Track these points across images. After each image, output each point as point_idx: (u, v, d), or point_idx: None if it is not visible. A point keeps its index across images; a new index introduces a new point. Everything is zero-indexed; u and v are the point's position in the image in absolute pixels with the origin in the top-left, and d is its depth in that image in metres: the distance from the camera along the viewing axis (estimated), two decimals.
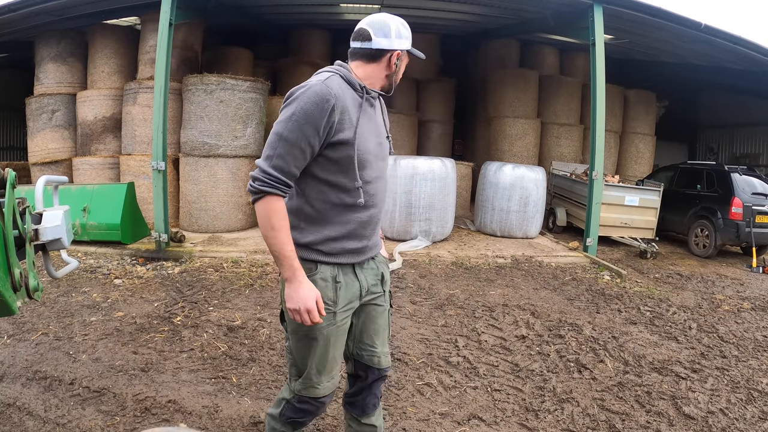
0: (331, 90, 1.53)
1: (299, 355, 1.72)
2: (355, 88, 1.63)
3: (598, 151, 6.81)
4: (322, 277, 1.64)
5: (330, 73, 1.61)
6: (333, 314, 1.66)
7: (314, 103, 1.50)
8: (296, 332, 1.69)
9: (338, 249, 1.65)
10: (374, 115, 1.71)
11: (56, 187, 2.12)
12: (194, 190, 7.03)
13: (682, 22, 7.14)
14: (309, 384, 1.71)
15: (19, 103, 9.17)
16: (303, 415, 1.78)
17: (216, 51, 9.46)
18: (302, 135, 1.49)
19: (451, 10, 8.93)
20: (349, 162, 1.59)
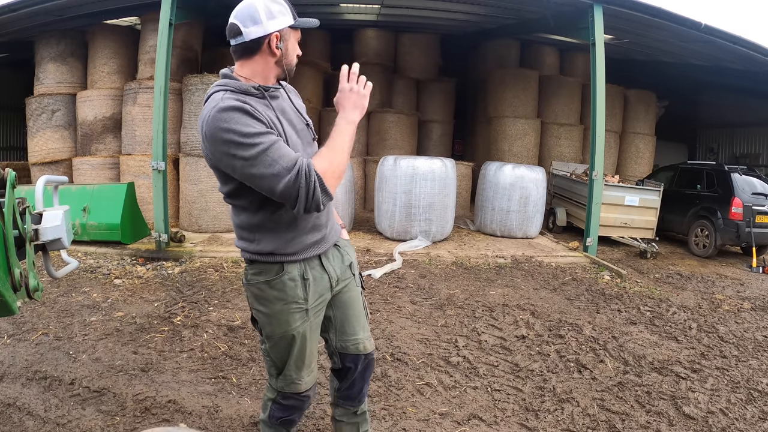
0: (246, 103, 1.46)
1: (277, 356, 1.72)
2: (250, 93, 1.51)
3: (598, 151, 6.81)
4: (290, 277, 1.63)
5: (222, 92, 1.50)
6: (305, 311, 1.66)
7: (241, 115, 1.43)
8: (271, 336, 1.68)
9: (300, 245, 1.63)
10: (285, 107, 1.63)
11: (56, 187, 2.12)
12: (194, 190, 7.03)
13: (682, 22, 7.14)
14: (290, 380, 1.72)
15: (19, 103, 9.18)
16: (291, 412, 1.79)
17: (216, 51, 9.45)
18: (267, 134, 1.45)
19: (451, 10, 8.93)
20: None
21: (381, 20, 10.15)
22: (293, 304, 1.63)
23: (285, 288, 1.61)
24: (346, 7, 9.36)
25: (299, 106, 1.74)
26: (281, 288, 1.62)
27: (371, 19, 10.16)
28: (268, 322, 1.67)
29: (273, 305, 1.64)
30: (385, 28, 10.74)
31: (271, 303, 1.64)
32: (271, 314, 1.65)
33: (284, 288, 1.61)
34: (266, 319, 1.67)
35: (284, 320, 1.64)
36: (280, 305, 1.63)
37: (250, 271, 1.69)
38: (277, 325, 1.65)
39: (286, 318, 1.64)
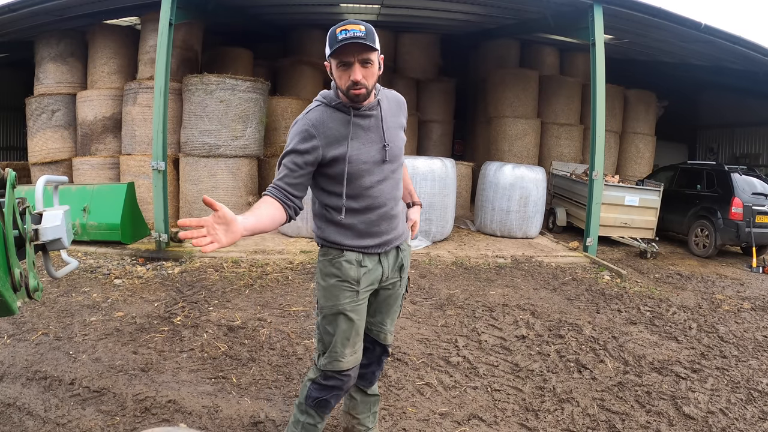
0: (310, 121, 1.76)
1: (325, 330, 1.91)
2: (340, 109, 1.78)
3: (598, 151, 6.80)
4: (347, 259, 1.86)
5: (317, 103, 1.83)
6: (356, 293, 1.88)
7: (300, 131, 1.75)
8: (323, 309, 1.90)
9: (359, 245, 1.87)
10: (371, 126, 1.83)
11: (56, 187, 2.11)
12: (194, 190, 7.03)
13: (682, 22, 7.14)
14: (334, 357, 1.89)
15: (19, 103, 9.18)
16: (329, 392, 1.92)
17: (216, 51, 9.46)
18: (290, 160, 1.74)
19: (451, 10, 8.94)
20: (340, 175, 1.79)
21: (381, 20, 10.15)
22: (345, 282, 1.86)
23: (341, 267, 1.85)
24: (346, 7, 9.36)
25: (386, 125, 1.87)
26: (338, 267, 1.86)
27: (371, 19, 10.16)
28: (322, 295, 1.91)
29: (329, 279, 1.88)
30: (385, 28, 10.74)
31: (328, 277, 1.88)
32: (326, 287, 1.89)
33: (341, 267, 1.86)
34: (321, 292, 1.91)
35: (335, 295, 1.87)
36: (334, 281, 1.87)
37: (320, 252, 1.95)
38: (330, 298, 1.87)
39: (336, 293, 1.86)
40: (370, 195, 1.82)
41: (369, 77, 1.73)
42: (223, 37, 10.52)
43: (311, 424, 1.97)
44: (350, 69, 1.68)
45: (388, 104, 1.91)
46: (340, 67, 1.70)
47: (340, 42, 1.63)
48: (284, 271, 5.32)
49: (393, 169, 1.89)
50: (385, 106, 1.88)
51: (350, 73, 1.68)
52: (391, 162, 1.87)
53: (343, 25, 1.65)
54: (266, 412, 2.64)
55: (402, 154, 1.96)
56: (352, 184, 1.80)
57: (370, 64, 1.72)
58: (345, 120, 1.78)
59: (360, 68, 1.68)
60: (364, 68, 1.70)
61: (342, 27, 1.65)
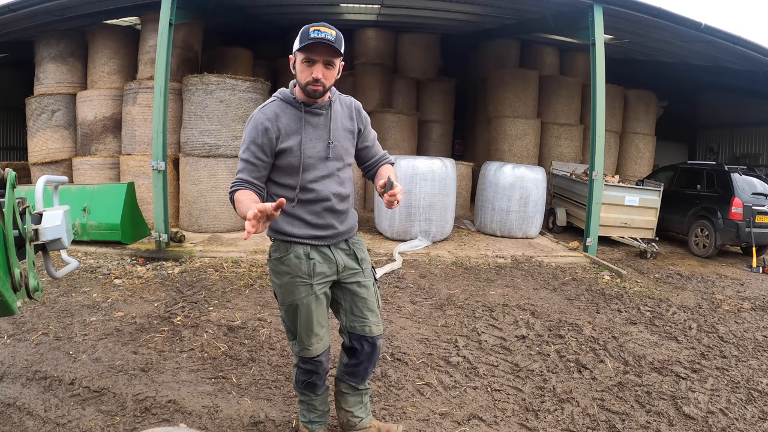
0: (265, 115, 1.91)
1: (290, 321, 2.06)
2: (293, 105, 1.95)
3: (598, 151, 6.80)
4: (296, 255, 1.98)
5: (273, 99, 1.98)
6: (309, 285, 1.99)
7: (255, 126, 1.90)
8: (284, 302, 2.04)
9: (307, 234, 1.98)
10: (320, 123, 1.97)
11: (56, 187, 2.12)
12: (194, 190, 7.03)
13: (682, 22, 7.14)
14: (303, 346, 2.05)
15: (19, 103, 9.18)
16: (309, 376, 2.11)
17: (216, 51, 9.46)
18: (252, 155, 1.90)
19: (451, 10, 8.93)
20: (292, 167, 1.93)
21: (381, 20, 10.15)
22: (298, 277, 1.98)
23: (291, 264, 1.97)
24: (346, 7, 9.36)
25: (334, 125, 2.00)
26: (288, 264, 1.98)
27: (371, 19, 10.16)
28: (280, 292, 2.04)
29: (283, 278, 2.00)
30: (385, 28, 10.74)
31: (281, 276, 2.00)
32: (282, 285, 2.01)
33: (290, 264, 1.97)
34: (278, 289, 2.04)
35: (291, 291, 1.99)
36: (287, 278, 1.99)
37: (270, 248, 2.06)
38: (287, 295, 2.00)
39: (292, 289, 1.99)
40: (314, 189, 1.96)
41: (328, 78, 1.87)
42: (223, 37, 10.53)
43: (310, 400, 2.20)
44: (313, 66, 1.83)
45: (341, 108, 2.06)
46: (305, 63, 1.84)
47: (311, 40, 1.77)
48: None
49: (338, 167, 2.02)
50: (337, 108, 2.03)
51: (313, 70, 1.84)
52: (336, 160, 2.01)
53: (318, 26, 1.79)
54: (266, 412, 2.64)
55: (348, 156, 2.07)
56: (297, 176, 1.94)
57: (332, 66, 1.87)
58: (297, 115, 1.93)
59: (322, 68, 1.84)
60: (326, 69, 1.85)
61: (315, 27, 1.78)
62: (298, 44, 1.83)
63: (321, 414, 2.25)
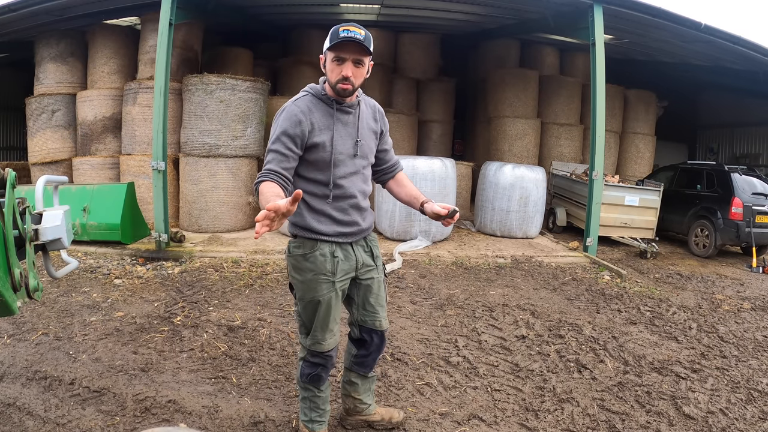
0: (298, 107, 1.93)
1: (306, 317, 2.07)
2: (325, 101, 1.98)
3: (598, 151, 6.80)
4: (321, 253, 2.00)
5: (303, 93, 2.01)
6: (332, 283, 2.02)
7: (289, 117, 1.91)
8: (303, 298, 2.04)
9: (333, 232, 2.00)
10: (349, 121, 2.01)
11: (56, 187, 2.12)
12: (194, 190, 7.03)
13: (682, 22, 7.14)
14: (315, 341, 2.07)
15: (19, 103, 9.18)
16: (316, 369, 2.12)
17: (216, 51, 9.46)
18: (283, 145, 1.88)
19: (451, 10, 8.93)
20: (323, 162, 1.96)
21: (381, 20, 10.14)
22: (321, 275, 2.00)
23: (317, 262, 1.99)
24: (346, 7, 9.36)
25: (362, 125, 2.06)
26: (314, 261, 1.99)
27: (371, 19, 10.16)
28: (300, 288, 2.04)
29: (306, 274, 2.01)
30: (385, 28, 10.73)
31: (304, 272, 2.01)
32: (304, 281, 2.02)
33: (316, 261, 1.99)
34: (299, 285, 2.04)
35: (313, 288, 2.00)
36: (311, 275, 2.00)
37: (292, 244, 2.07)
38: (308, 291, 2.02)
39: (314, 286, 2.00)
40: (342, 185, 2.00)
41: (357, 77, 1.91)
42: (223, 37, 10.52)
43: (314, 395, 2.19)
44: (343, 65, 1.87)
45: (367, 109, 2.11)
46: (335, 62, 1.88)
47: (341, 39, 1.81)
48: (284, 271, 5.32)
49: (363, 165, 2.08)
50: (363, 108, 2.08)
51: (342, 69, 1.87)
52: (362, 158, 2.07)
53: (347, 25, 1.83)
54: (266, 412, 2.64)
55: (372, 155, 2.14)
56: (329, 171, 1.97)
57: (361, 65, 1.91)
58: (328, 111, 1.97)
59: (352, 66, 1.88)
60: (356, 68, 1.89)
61: (345, 27, 1.82)
62: (328, 43, 1.87)
63: (322, 413, 2.24)
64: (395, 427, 2.50)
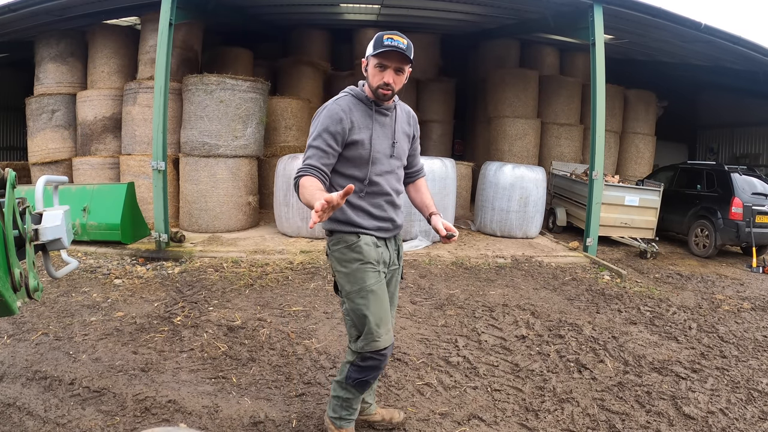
0: (339, 106, 2.00)
1: (357, 315, 2.03)
2: (364, 102, 2.06)
3: (598, 151, 6.80)
4: (365, 242, 2.04)
5: (344, 94, 2.08)
6: (378, 272, 2.06)
7: (331, 115, 1.97)
8: (351, 293, 2.02)
9: (373, 226, 2.07)
10: (386, 123, 2.11)
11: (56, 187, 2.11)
12: (194, 190, 7.03)
13: (682, 22, 7.14)
14: (370, 338, 2.01)
15: (19, 103, 9.18)
16: (368, 373, 2.07)
17: (216, 51, 9.46)
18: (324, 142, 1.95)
19: (451, 10, 8.94)
20: (361, 159, 2.02)
21: (381, 20, 10.14)
22: (368, 264, 2.02)
23: (362, 250, 2.02)
24: (346, 7, 9.36)
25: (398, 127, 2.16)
26: (359, 250, 2.02)
27: (371, 19, 10.16)
28: (347, 281, 2.03)
29: (351, 265, 2.02)
30: (385, 28, 10.72)
31: (349, 263, 2.03)
32: (350, 273, 2.02)
33: (361, 250, 2.02)
34: (346, 278, 2.04)
35: (361, 278, 2.01)
36: (357, 264, 2.02)
37: (331, 242, 2.09)
38: (356, 281, 2.01)
39: (362, 276, 2.01)
40: (378, 182, 2.07)
41: (397, 83, 2.01)
42: (223, 37, 10.53)
43: (353, 397, 2.17)
44: (385, 72, 1.97)
45: (402, 113, 2.21)
46: (377, 68, 1.98)
47: (385, 47, 1.91)
48: (284, 271, 5.32)
49: (397, 165, 2.17)
50: (399, 112, 2.18)
51: (384, 75, 1.98)
52: (396, 158, 2.15)
53: (391, 34, 1.94)
54: (266, 412, 2.64)
55: (405, 157, 2.24)
56: (366, 168, 2.03)
57: (402, 72, 2.01)
58: (367, 112, 2.06)
59: (393, 74, 1.98)
60: (396, 75, 1.99)
61: (389, 35, 1.93)
62: (371, 50, 1.96)
63: (353, 413, 2.23)
64: (395, 427, 2.52)
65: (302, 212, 6.76)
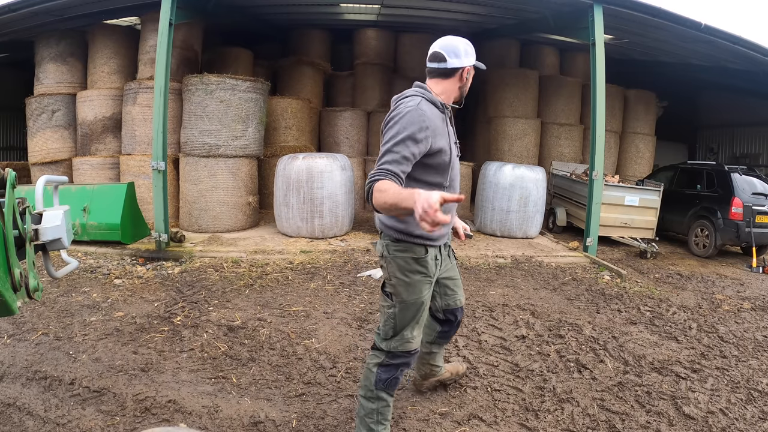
0: (424, 113, 1.92)
1: (403, 319, 2.11)
2: (437, 105, 2.04)
3: (598, 151, 6.80)
4: (432, 257, 2.10)
5: (418, 98, 1.98)
6: (430, 284, 2.16)
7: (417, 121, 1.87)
8: (406, 300, 2.08)
9: (438, 235, 2.08)
10: (448, 124, 2.12)
11: (56, 187, 2.12)
12: (194, 190, 7.03)
13: (682, 22, 7.14)
14: (405, 340, 2.12)
15: (19, 103, 9.18)
16: (397, 369, 2.15)
17: (216, 51, 9.46)
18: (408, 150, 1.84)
19: (451, 10, 8.93)
20: (444, 166, 2.02)
21: (381, 20, 10.15)
22: (428, 277, 2.11)
23: (428, 266, 2.09)
24: (346, 7, 9.36)
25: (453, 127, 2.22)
26: (425, 265, 2.08)
27: (371, 19, 10.16)
28: (405, 290, 2.08)
29: (414, 276, 2.07)
30: (385, 28, 10.74)
31: (412, 274, 2.07)
32: (411, 283, 2.08)
33: (427, 266, 2.09)
34: (404, 287, 2.08)
35: (419, 289, 2.09)
36: (419, 277, 2.08)
37: (394, 247, 2.08)
38: (414, 292, 2.09)
39: (420, 287, 2.09)
40: (453, 186, 2.12)
41: None
42: (223, 37, 10.52)
43: (385, 405, 2.18)
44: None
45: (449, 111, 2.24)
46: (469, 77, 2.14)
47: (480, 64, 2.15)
48: (284, 271, 5.32)
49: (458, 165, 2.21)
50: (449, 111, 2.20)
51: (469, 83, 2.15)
52: (459, 157, 2.19)
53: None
54: (266, 412, 2.64)
55: None
56: (447, 174, 2.04)
57: None
58: (441, 117, 2.05)
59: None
60: None
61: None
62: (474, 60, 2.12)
63: (387, 425, 2.21)
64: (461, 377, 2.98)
65: (302, 212, 6.76)
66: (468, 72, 2.12)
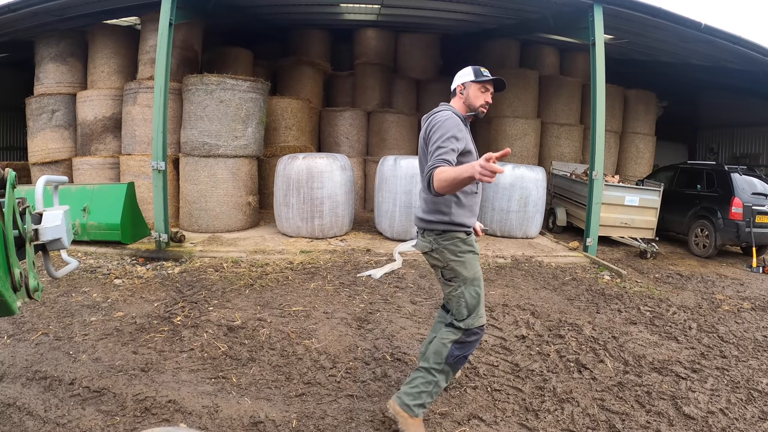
0: (459, 119, 2.40)
1: (473, 296, 2.42)
2: (461, 119, 2.44)
3: (598, 151, 6.80)
4: (472, 238, 2.48)
5: (449, 111, 2.44)
6: (478, 259, 2.48)
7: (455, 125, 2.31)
8: (467, 278, 2.41)
9: (472, 222, 2.48)
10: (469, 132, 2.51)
11: (56, 187, 2.11)
12: (194, 190, 7.03)
13: (682, 22, 7.13)
14: (478, 315, 2.43)
15: (19, 103, 9.18)
16: (469, 348, 2.44)
17: (216, 51, 9.46)
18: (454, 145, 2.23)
19: (451, 10, 8.93)
20: None
21: (381, 20, 10.14)
22: (475, 254, 2.47)
23: (473, 244, 2.47)
24: (346, 7, 9.35)
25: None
26: (471, 244, 2.46)
27: (371, 19, 10.16)
28: (464, 268, 2.42)
29: (466, 255, 2.43)
30: (385, 28, 10.73)
31: (464, 254, 2.43)
32: (466, 261, 2.43)
33: (473, 244, 2.47)
34: (463, 266, 2.42)
35: (474, 264, 2.45)
36: (471, 254, 2.44)
37: (441, 238, 2.42)
38: (471, 268, 2.43)
39: (474, 263, 2.45)
40: (479, 183, 2.46)
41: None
42: (223, 37, 10.52)
43: (444, 380, 2.43)
44: (485, 93, 2.51)
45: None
46: (480, 91, 2.49)
47: (490, 77, 2.48)
48: (284, 271, 5.32)
49: None
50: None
51: (485, 97, 2.51)
52: None
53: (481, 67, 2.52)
54: (266, 412, 2.64)
55: None
56: None
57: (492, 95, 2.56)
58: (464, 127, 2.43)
59: (490, 96, 2.53)
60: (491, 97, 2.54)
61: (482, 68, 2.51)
62: (473, 77, 2.47)
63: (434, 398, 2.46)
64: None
65: (302, 212, 6.76)
66: (463, 88, 2.51)
